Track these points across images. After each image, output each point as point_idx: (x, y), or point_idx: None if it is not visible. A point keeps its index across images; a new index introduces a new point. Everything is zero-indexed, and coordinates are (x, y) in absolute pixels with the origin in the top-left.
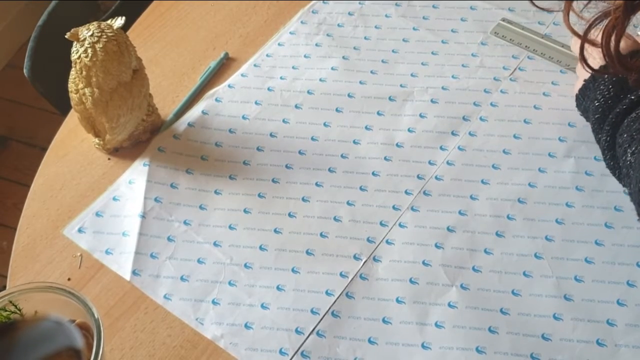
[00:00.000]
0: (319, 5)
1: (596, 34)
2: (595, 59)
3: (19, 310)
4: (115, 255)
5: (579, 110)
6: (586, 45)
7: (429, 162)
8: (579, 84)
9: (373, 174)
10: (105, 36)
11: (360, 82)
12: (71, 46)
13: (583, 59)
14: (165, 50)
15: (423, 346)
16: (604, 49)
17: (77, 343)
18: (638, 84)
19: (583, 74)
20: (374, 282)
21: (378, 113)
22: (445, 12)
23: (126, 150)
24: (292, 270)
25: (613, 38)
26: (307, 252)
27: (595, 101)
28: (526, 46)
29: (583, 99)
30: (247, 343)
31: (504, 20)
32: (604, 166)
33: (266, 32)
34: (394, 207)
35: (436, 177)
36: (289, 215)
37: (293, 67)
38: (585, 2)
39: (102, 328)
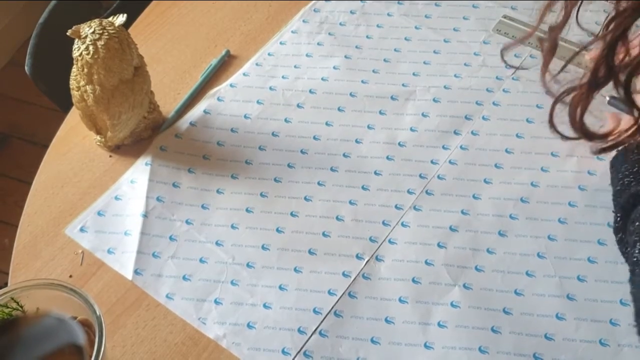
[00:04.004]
0: (320, 3)
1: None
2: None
3: (21, 307)
4: (117, 254)
5: (611, 174)
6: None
7: (432, 161)
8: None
9: (375, 173)
10: (106, 33)
11: (362, 81)
12: (72, 43)
13: (552, 125)
14: (167, 47)
15: (426, 346)
16: (570, 119)
17: (79, 340)
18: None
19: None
20: (377, 282)
21: (380, 112)
22: (447, 10)
23: (128, 148)
24: (295, 269)
25: (579, 111)
26: (310, 252)
27: (619, 174)
28: (529, 42)
29: (613, 167)
30: (250, 343)
31: (505, 17)
32: (607, 165)
33: (267, 29)
34: (396, 207)
35: (439, 177)
36: (291, 214)
37: (295, 66)
38: (562, 64)
39: (103, 325)
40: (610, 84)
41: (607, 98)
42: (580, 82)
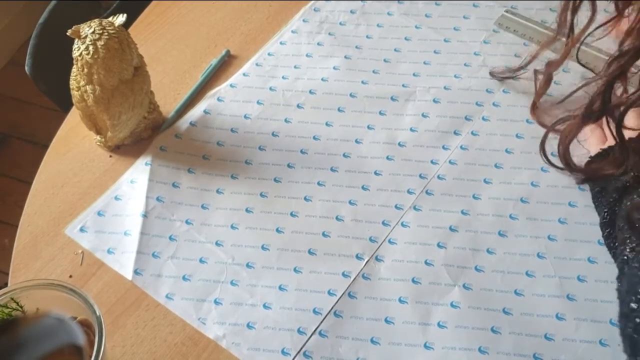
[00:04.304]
0: (320, 3)
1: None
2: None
3: (21, 307)
4: (117, 254)
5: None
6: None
7: (432, 162)
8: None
9: (375, 173)
10: (106, 33)
11: (362, 82)
12: (72, 43)
13: (543, 151)
14: (167, 47)
15: (425, 346)
16: (559, 147)
17: (78, 340)
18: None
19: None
20: (377, 282)
21: (380, 113)
22: (447, 9)
23: (128, 148)
24: (294, 270)
25: (566, 140)
26: (309, 252)
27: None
28: (530, 37)
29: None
30: (249, 343)
31: (508, 11)
32: None
33: (267, 29)
34: (396, 207)
35: (438, 177)
36: (291, 214)
37: (295, 67)
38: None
39: (103, 325)
40: None
41: None
42: (574, 113)
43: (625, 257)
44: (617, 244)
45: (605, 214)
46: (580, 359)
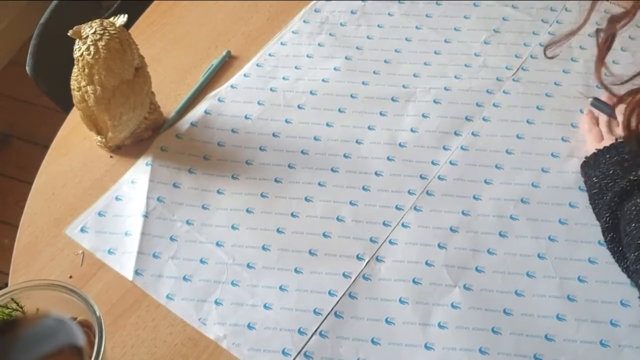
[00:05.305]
0: (321, 3)
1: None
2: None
3: (21, 307)
4: (118, 255)
5: (584, 179)
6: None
7: (432, 162)
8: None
9: (376, 173)
10: (107, 34)
11: (363, 83)
12: (73, 44)
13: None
14: (168, 48)
15: (426, 347)
16: (625, 122)
17: (78, 340)
18: None
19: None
20: (377, 283)
21: (381, 113)
22: (448, 9)
23: (128, 148)
24: (295, 270)
25: (636, 114)
26: (310, 252)
27: (594, 177)
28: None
29: (584, 172)
30: (250, 343)
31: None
32: None
33: (268, 30)
34: (397, 207)
35: (439, 177)
36: (292, 215)
37: (296, 67)
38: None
39: (103, 326)
40: None
41: (590, 99)
42: None
43: None
44: (621, 248)
45: (607, 218)
46: None
